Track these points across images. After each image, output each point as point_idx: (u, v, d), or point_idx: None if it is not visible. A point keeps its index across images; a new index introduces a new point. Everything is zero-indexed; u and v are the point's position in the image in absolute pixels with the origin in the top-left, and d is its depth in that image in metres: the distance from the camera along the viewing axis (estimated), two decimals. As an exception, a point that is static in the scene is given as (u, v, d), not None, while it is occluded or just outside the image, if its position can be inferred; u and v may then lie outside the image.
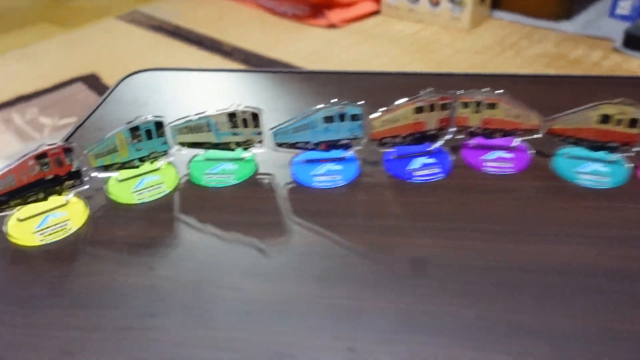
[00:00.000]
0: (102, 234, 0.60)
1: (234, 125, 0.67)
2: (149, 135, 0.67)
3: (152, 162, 0.69)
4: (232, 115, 0.66)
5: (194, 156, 0.71)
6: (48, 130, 1.81)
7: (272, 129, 0.67)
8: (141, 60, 2.25)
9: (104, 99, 0.89)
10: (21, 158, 0.59)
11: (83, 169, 0.64)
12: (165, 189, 0.66)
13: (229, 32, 2.48)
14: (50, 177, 0.62)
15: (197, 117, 0.67)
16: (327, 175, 0.66)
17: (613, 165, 0.65)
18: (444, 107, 0.66)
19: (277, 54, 2.27)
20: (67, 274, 0.54)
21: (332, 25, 2.49)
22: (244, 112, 0.66)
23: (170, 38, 2.48)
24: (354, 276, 0.52)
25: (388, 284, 0.51)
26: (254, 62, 2.21)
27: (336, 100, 0.64)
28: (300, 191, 0.65)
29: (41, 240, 0.59)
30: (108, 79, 2.11)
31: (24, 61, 2.31)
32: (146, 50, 2.37)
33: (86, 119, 0.83)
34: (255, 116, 0.66)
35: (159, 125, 0.67)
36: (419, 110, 0.66)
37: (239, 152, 0.70)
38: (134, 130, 0.65)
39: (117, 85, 0.93)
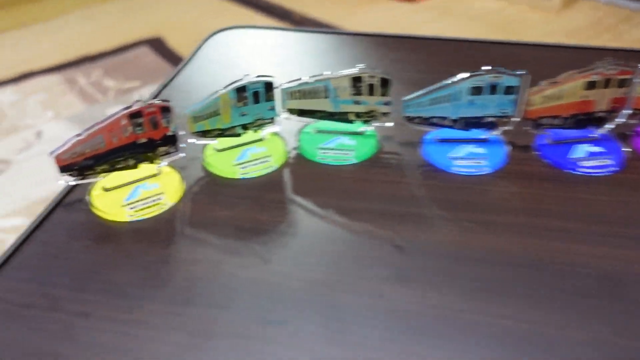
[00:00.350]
0: (202, 213, 0.50)
1: (357, 92, 0.56)
2: (256, 98, 0.56)
3: (255, 131, 0.58)
4: (356, 80, 0.55)
5: (303, 126, 0.60)
6: (113, 93, 1.74)
7: (405, 99, 0.55)
8: (208, 26, 2.16)
9: (189, 59, 0.79)
10: (112, 116, 0.50)
11: (179, 134, 0.54)
12: (273, 163, 0.56)
13: (299, 0, 2.36)
14: (143, 140, 0.52)
15: (313, 79, 0.56)
16: (469, 159, 0.54)
17: None
18: (621, 83, 0.53)
19: (349, 25, 2.13)
20: (164, 260, 0.45)
21: (408, -1, 2.34)
22: (371, 76, 0.55)
23: (237, 4, 2.38)
24: (525, 291, 0.40)
25: (571, 306, 0.39)
26: (324, 34, 2.08)
27: (489, 67, 0.51)
28: (436, 176, 0.53)
29: (131, 216, 0.50)
30: (174, 43, 2.02)
31: (87, 22, 2.25)
32: (213, 16, 2.28)
33: (171, 79, 0.74)
34: (385, 82, 0.55)
35: (269, 86, 0.56)
36: (591, 85, 0.53)
37: (356, 125, 0.59)
38: (241, 91, 0.55)
39: (202, 44, 0.83)
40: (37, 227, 0.49)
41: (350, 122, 0.58)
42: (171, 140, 0.54)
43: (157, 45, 2.04)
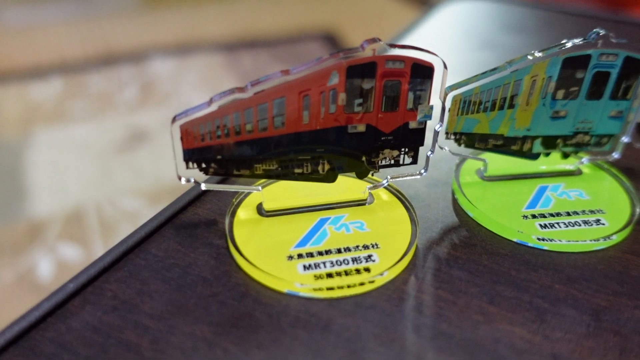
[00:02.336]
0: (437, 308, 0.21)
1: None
2: (598, 87, 0.26)
3: (572, 154, 0.29)
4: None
5: None
6: (275, 83, 1.54)
7: None
8: (386, 26, 1.91)
9: (417, 24, 0.51)
10: (308, 66, 0.23)
11: (438, 129, 0.26)
12: (610, 230, 0.25)
13: None
14: (359, 128, 0.25)
15: None
16: None
17: None
18: None
19: None
20: None
21: None
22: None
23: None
24: None
25: None
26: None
27: None
28: None
29: (305, 288, 0.22)
30: (351, 42, 1.80)
31: (264, 6, 2.11)
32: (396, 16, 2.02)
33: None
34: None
35: (634, 67, 0.26)
36: None
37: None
38: (569, 65, 0.26)
39: (423, 18, 0.55)
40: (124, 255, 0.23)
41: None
42: (414, 139, 0.26)
43: (332, 41, 1.83)
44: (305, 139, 0.24)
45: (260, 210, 0.26)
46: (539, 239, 0.25)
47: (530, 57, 0.25)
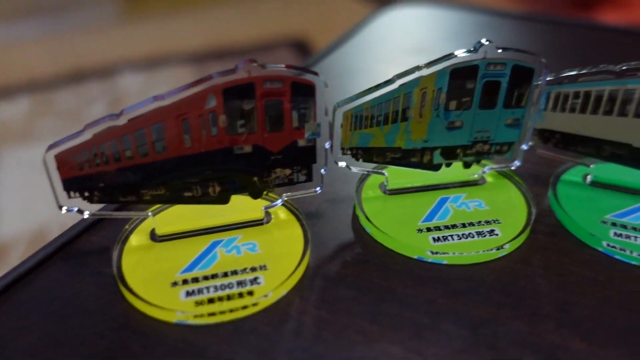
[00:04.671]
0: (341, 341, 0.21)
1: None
2: (490, 96, 0.26)
3: (473, 163, 0.29)
4: None
5: (568, 168, 0.30)
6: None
7: None
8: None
9: (346, 39, 0.51)
10: (189, 87, 0.23)
11: (328, 147, 0.26)
12: (503, 239, 0.25)
13: None
14: (245, 149, 0.24)
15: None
16: None
17: None
18: None
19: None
20: None
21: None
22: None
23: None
24: None
25: None
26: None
27: None
28: None
29: (186, 315, 0.22)
30: (317, 45, 1.80)
31: (230, 16, 2.11)
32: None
33: (322, 57, 0.47)
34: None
35: (526, 76, 0.26)
36: None
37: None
38: (458, 76, 0.26)
39: (362, 24, 0.55)
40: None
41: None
42: (305, 157, 0.26)
43: (303, 49, 1.83)
44: (190, 162, 0.24)
45: (153, 235, 0.26)
46: (432, 252, 0.25)
47: (417, 71, 0.25)
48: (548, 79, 0.27)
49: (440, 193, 0.29)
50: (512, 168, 0.29)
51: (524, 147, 0.29)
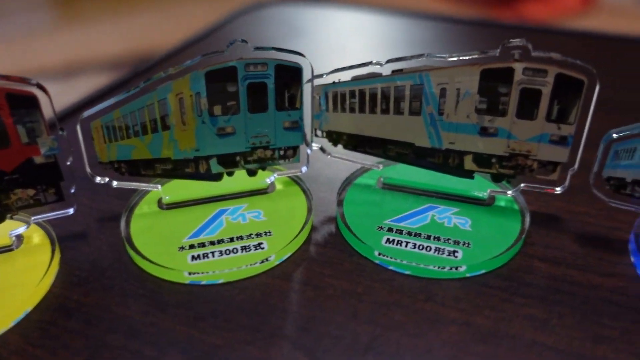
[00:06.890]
0: None
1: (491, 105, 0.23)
2: (259, 99, 0.25)
3: (259, 170, 0.27)
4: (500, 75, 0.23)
5: (360, 172, 0.28)
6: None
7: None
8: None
9: (194, 42, 0.49)
10: None
11: (69, 163, 0.23)
12: (270, 252, 0.24)
13: None
14: None
15: (387, 69, 0.24)
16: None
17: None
18: None
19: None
20: None
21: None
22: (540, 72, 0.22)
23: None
24: None
25: None
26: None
27: None
28: None
29: None
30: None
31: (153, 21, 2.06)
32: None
33: (158, 62, 0.45)
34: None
35: (293, 75, 0.25)
36: None
37: (481, 185, 0.26)
38: (215, 79, 0.24)
39: (226, 22, 0.53)
40: None
41: (471, 175, 0.25)
42: (47, 175, 0.23)
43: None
44: None
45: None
46: (189, 273, 0.23)
47: (164, 74, 0.23)
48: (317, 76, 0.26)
49: (220, 205, 0.27)
50: (299, 174, 0.28)
51: (309, 151, 0.27)
